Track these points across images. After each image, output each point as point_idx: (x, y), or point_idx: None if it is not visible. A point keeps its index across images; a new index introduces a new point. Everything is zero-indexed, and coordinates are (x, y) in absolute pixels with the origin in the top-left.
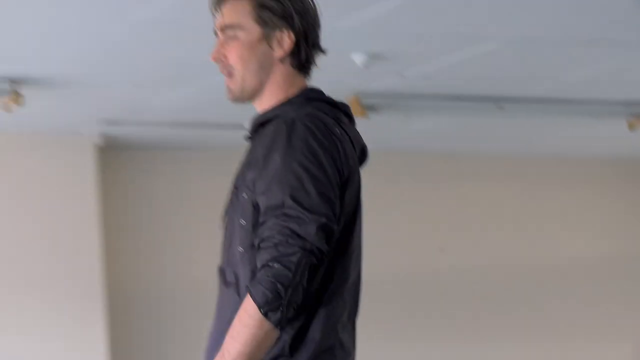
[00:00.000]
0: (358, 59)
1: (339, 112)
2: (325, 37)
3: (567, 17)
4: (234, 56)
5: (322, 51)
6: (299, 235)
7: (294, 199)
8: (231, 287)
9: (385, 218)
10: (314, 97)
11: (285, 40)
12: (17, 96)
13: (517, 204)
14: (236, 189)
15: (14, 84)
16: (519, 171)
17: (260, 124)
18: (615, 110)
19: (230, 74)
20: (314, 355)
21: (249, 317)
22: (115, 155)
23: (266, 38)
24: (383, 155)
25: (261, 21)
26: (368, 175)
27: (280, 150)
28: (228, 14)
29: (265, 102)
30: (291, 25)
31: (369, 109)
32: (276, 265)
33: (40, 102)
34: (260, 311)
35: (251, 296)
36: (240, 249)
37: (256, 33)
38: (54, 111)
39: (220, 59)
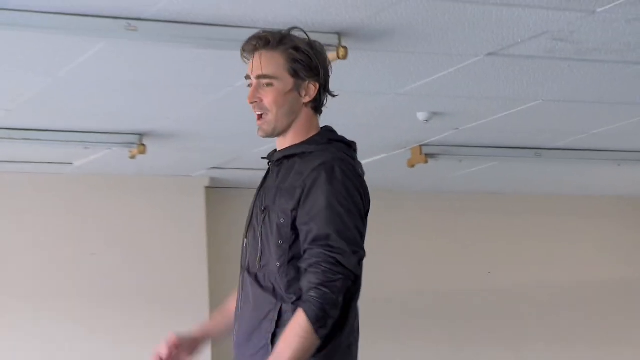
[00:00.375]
0: (421, 116)
1: (353, 151)
2: (396, 99)
3: (596, 83)
4: (270, 100)
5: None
6: (342, 265)
7: (338, 233)
8: (268, 291)
9: (443, 246)
10: (334, 138)
11: (312, 89)
12: (142, 147)
13: (551, 235)
14: (265, 209)
15: (141, 137)
16: (552, 207)
17: (285, 156)
18: (634, 157)
19: (263, 115)
20: (336, 351)
21: (302, 330)
22: (220, 194)
23: (296, 87)
24: (440, 195)
25: (294, 73)
26: (427, 211)
27: (324, 191)
28: (265, 65)
29: (289, 139)
30: (317, 77)
31: (428, 156)
32: (324, 289)
33: (159, 151)
34: (312, 327)
35: (305, 313)
36: (278, 264)
37: (289, 84)
38: (170, 158)
39: (256, 102)
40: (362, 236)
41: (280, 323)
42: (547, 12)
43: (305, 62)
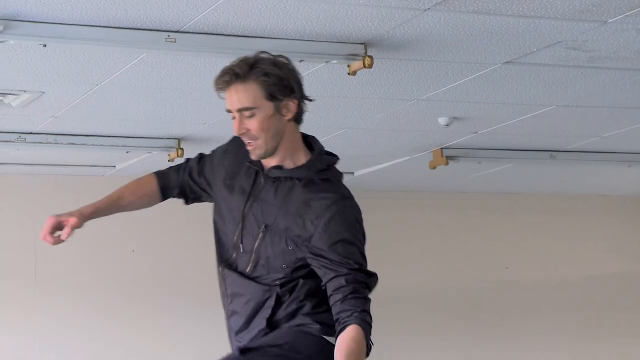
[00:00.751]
0: (442, 121)
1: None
2: (418, 105)
3: (607, 89)
4: (256, 128)
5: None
6: (371, 289)
7: (361, 261)
8: (261, 284)
9: (462, 244)
10: (330, 163)
11: (292, 105)
12: (180, 151)
13: (565, 232)
14: (266, 227)
15: (179, 141)
16: (566, 206)
17: (284, 177)
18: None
19: (253, 141)
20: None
21: (362, 345)
22: None
23: (277, 109)
24: (460, 195)
25: (271, 97)
26: (448, 210)
27: (342, 225)
28: (243, 98)
29: (278, 156)
30: (293, 93)
31: (449, 158)
32: (367, 314)
33: (195, 154)
34: (369, 343)
35: (364, 333)
36: (278, 282)
37: (270, 109)
38: None
39: (244, 132)
40: None
41: (276, 308)
42: (561, 23)
43: (279, 84)
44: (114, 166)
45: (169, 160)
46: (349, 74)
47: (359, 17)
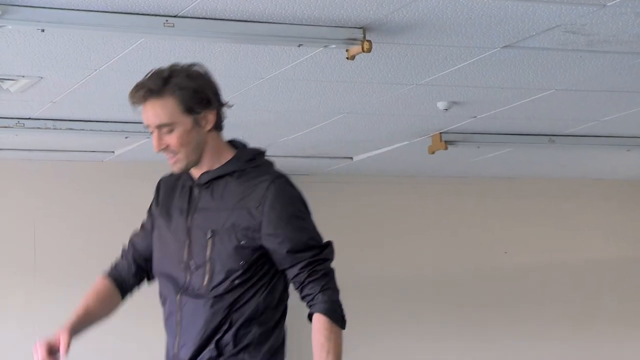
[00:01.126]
0: (441, 105)
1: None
2: (417, 89)
3: (606, 73)
4: (176, 143)
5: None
6: (329, 259)
7: (313, 236)
8: (216, 306)
9: (460, 229)
10: (256, 152)
11: (210, 116)
12: None
13: (563, 216)
14: (214, 233)
15: None
16: (565, 190)
17: (214, 177)
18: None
19: (175, 155)
20: (274, 347)
21: (331, 332)
22: None
23: (196, 122)
24: (459, 179)
25: (189, 111)
26: (449, 194)
27: (284, 206)
28: (160, 114)
29: (205, 165)
30: (210, 104)
31: (448, 143)
32: (329, 288)
33: None
34: (337, 325)
35: (326, 316)
36: (237, 281)
37: (188, 123)
38: None
39: (164, 148)
40: None
41: (229, 332)
42: (559, 6)
43: (195, 97)
44: (113, 151)
45: None
46: (347, 58)
47: (358, 2)
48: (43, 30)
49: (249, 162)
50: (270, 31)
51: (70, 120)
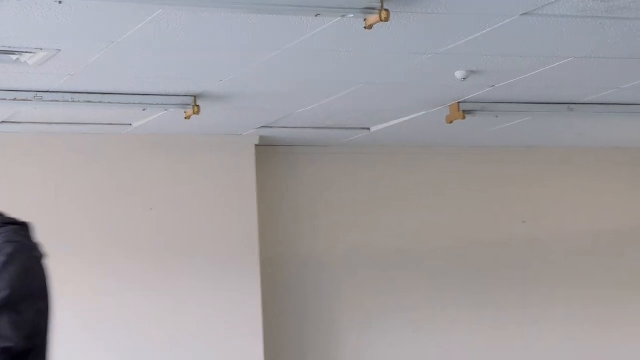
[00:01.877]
0: (459, 74)
1: (28, 231)
2: (435, 59)
3: (626, 40)
4: None
5: None
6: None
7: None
8: None
9: (481, 197)
10: (6, 221)
11: None
12: (197, 108)
13: (581, 185)
14: None
15: (195, 98)
16: (583, 159)
17: None
18: None
19: None
20: None
21: None
22: (268, 151)
23: None
24: (477, 149)
25: None
26: (467, 165)
27: None
28: None
29: None
30: None
31: (466, 112)
32: None
33: (212, 112)
34: None
35: None
36: None
37: None
38: (223, 118)
39: None
40: (44, 318)
41: None
42: None
43: None
44: (131, 124)
45: (185, 118)
46: (365, 28)
47: None
48: (60, 2)
49: None
50: (288, 1)
51: (88, 93)
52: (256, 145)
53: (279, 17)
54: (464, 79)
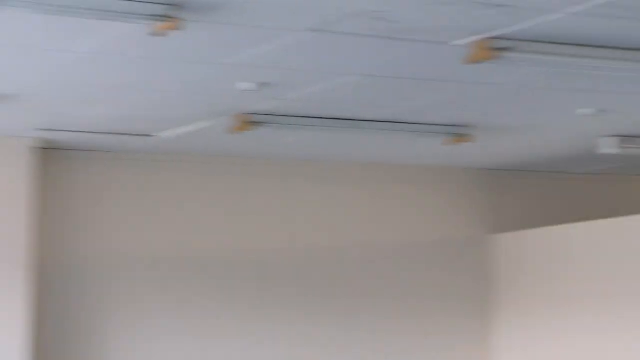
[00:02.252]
0: (245, 86)
1: None
2: (221, 69)
3: (408, 62)
4: None
5: None
6: None
7: None
8: None
9: (261, 209)
10: None
11: None
12: None
13: (367, 199)
14: None
15: None
16: (367, 175)
17: None
18: (434, 130)
19: None
20: None
21: None
22: (53, 155)
23: None
24: (262, 160)
25: None
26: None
27: None
28: None
29: None
30: None
31: (252, 124)
32: None
33: None
34: None
35: None
36: None
37: None
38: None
39: None
40: None
41: None
42: None
43: None
44: None
45: None
46: (153, 34)
47: None
48: None
49: None
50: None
51: None
52: (40, 148)
53: (68, 19)
54: (251, 90)
